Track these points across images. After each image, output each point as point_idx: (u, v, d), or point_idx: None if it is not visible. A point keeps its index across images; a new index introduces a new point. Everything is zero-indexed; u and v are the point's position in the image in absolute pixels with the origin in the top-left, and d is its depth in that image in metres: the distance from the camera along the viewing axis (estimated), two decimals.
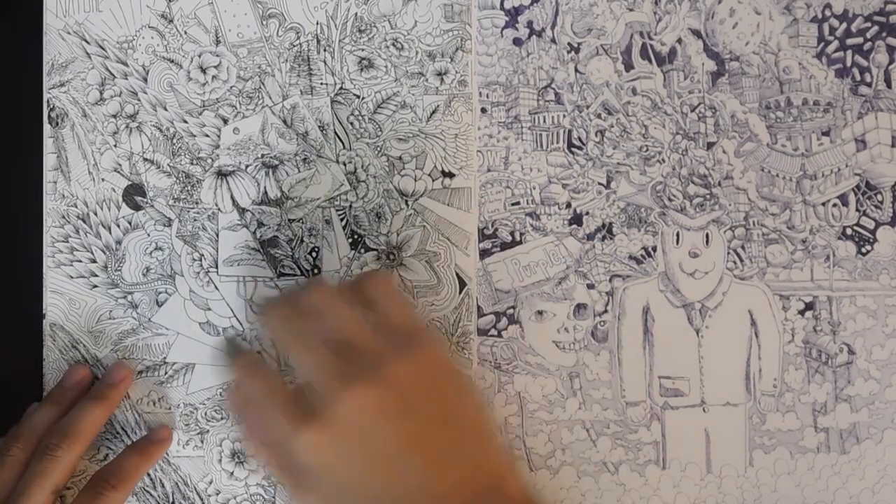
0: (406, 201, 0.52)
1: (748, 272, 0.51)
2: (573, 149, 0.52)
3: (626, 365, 0.51)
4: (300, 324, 0.46)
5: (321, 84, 0.52)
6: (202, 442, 0.51)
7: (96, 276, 0.52)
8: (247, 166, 0.52)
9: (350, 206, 0.52)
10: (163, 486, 0.52)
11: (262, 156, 0.52)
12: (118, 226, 0.52)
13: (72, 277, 0.52)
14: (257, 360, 0.48)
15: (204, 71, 0.52)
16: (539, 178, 0.52)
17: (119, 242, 0.52)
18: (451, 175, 0.52)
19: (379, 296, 0.47)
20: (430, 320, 0.51)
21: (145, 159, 0.52)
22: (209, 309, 0.52)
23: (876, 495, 0.51)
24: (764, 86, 0.51)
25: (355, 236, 0.52)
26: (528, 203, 0.52)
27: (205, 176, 0.52)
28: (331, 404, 0.44)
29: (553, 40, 0.52)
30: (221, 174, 0.52)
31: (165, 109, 0.52)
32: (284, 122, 0.52)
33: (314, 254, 0.51)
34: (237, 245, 0.52)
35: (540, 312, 0.51)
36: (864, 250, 0.51)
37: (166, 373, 0.52)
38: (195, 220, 0.52)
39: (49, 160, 0.52)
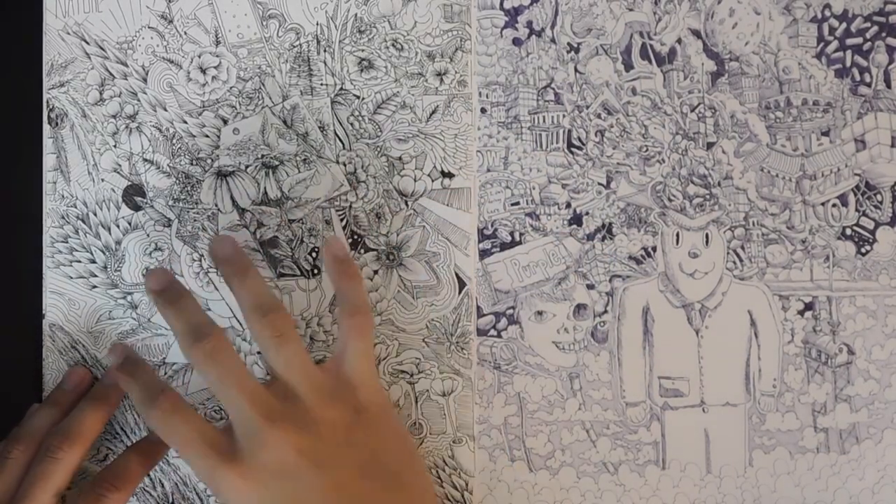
0: (406, 201, 0.52)
1: (748, 272, 0.51)
2: (573, 149, 0.52)
3: (626, 365, 0.51)
4: (232, 359, 0.45)
5: (321, 84, 0.52)
6: None
7: (96, 276, 0.52)
8: (247, 167, 0.52)
9: (350, 207, 0.52)
10: (162, 486, 0.52)
11: (262, 156, 0.52)
12: (118, 226, 0.52)
13: (71, 278, 0.52)
14: (177, 399, 0.45)
15: (204, 71, 0.52)
16: (539, 178, 0.52)
17: (119, 243, 0.52)
18: (450, 175, 0.52)
19: (346, 341, 0.47)
20: (429, 321, 0.51)
21: (145, 160, 0.52)
22: (209, 309, 0.52)
23: (876, 495, 0.51)
24: (763, 86, 0.51)
25: (355, 236, 0.52)
26: (527, 203, 0.52)
27: (204, 176, 0.52)
28: (255, 444, 0.43)
29: (553, 40, 0.52)
30: (221, 174, 0.52)
31: (165, 110, 0.52)
32: (284, 122, 0.52)
33: (314, 254, 0.51)
34: None
35: (540, 313, 0.51)
36: (863, 250, 0.51)
37: (166, 373, 0.52)
38: (195, 220, 0.52)
39: (49, 160, 0.52)
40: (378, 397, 0.47)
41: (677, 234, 0.51)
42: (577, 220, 0.51)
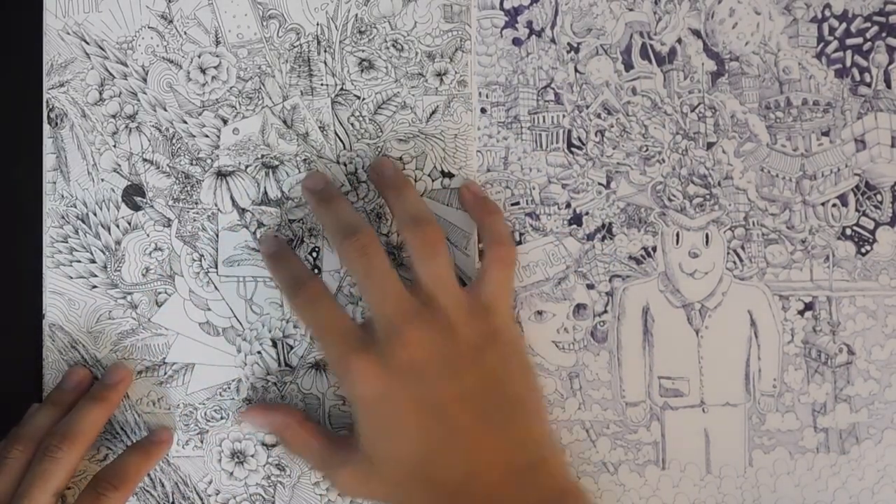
0: None
1: (748, 272, 0.51)
2: (573, 149, 0.52)
3: (626, 365, 0.51)
4: (381, 257, 0.46)
5: (322, 85, 0.52)
6: (202, 442, 0.51)
7: (96, 276, 0.52)
8: (247, 167, 0.52)
9: None
10: (162, 485, 0.52)
11: (262, 156, 0.52)
12: (118, 226, 0.52)
13: (71, 278, 0.52)
14: (321, 289, 0.48)
15: (203, 71, 0.52)
16: (539, 178, 0.52)
17: (118, 243, 0.52)
18: (450, 175, 0.52)
19: (487, 268, 0.48)
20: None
21: (145, 160, 0.52)
22: (209, 309, 0.52)
23: (875, 495, 0.51)
24: (764, 86, 0.51)
25: None
26: (527, 203, 0.52)
27: (204, 176, 0.52)
28: (392, 340, 0.45)
29: (553, 40, 0.52)
30: (221, 174, 0.52)
31: (165, 110, 0.52)
32: (285, 122, 0.52)
33: (314, 254, 0.51)
34: (237, 245, 0.52)
35: (539, 312, 0.51)
36: (863, 250, 0.51)
37: (166, 373, 0.52)
38: (195, 220, 0.52)
39: (48, 160, 0.52)
40: (511, 327, 0.49)
41: (677, 234, 0.51)
42: (577, 220, 0.51)
